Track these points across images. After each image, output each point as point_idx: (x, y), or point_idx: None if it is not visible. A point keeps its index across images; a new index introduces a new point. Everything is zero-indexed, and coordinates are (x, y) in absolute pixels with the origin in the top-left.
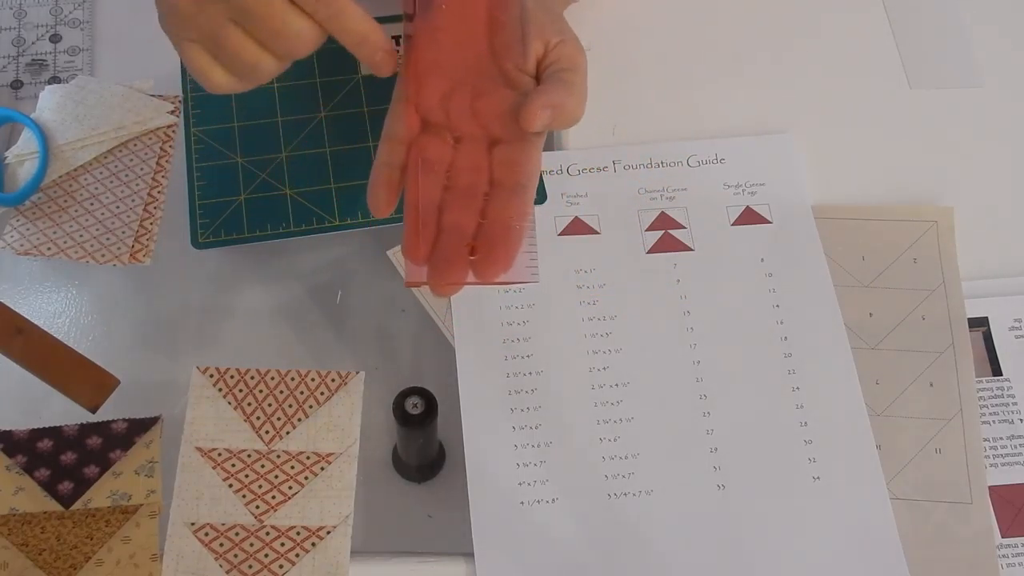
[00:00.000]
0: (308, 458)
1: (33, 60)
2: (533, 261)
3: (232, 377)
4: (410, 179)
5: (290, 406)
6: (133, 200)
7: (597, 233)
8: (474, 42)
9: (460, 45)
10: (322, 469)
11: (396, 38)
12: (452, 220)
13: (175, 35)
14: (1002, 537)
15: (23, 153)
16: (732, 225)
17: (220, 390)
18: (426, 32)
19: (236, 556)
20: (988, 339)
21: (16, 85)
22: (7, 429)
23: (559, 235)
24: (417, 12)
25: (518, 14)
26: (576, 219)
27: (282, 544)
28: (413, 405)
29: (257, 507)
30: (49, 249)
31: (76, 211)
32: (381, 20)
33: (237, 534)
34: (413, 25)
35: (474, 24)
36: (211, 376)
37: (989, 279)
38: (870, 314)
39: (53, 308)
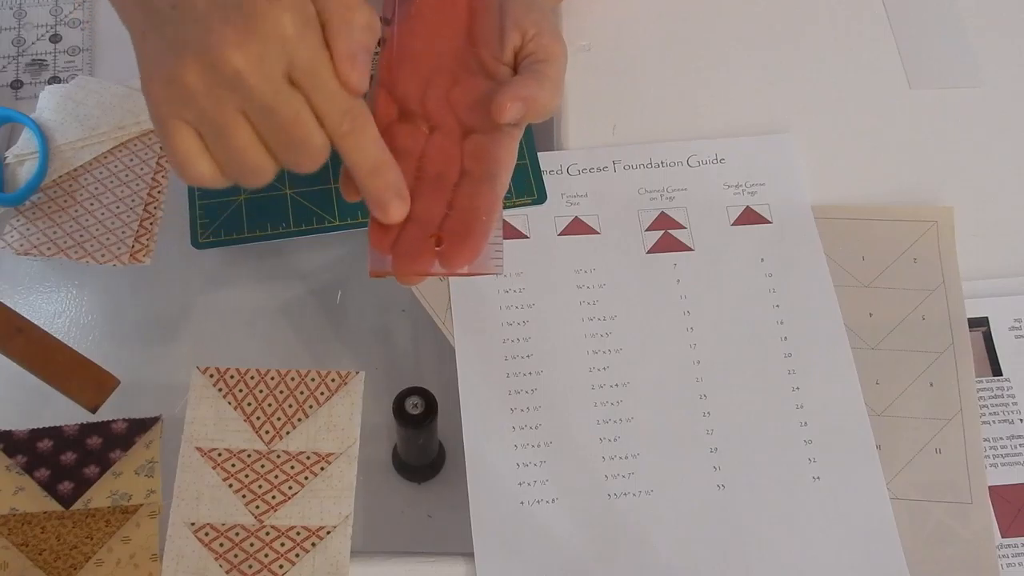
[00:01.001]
0: (308, 458)
1: (33, 60)
2: (499, 253)
3: (232, 377)
4: None
5: (290, 406)
6: (133, 200)
7: (597, 233)
8: (453, 31)
9: (438, 34)
10: (322, 469)
11: None
12: (420, 209)
13: (165, 110)
14: (1002, 537)
15: (23, 153)
16: (732, 225)
17: (220, 390)
18: (405, 21)
19: (236, 556)
20: (988, 339)
21: (16, 85)
22: (7, 429)
23: (559, 235)
24: (396, 9)
25: (496, 4)
26: (576, 219)
27: (282, 544)
28: (413, 405)
29: (257, 507)
30: (49, 249)
31: (76, 211)
32: None
33: (237, 534)
34: (394, 19)
35: (453, 13)
36: (211, 376)
37: (989, 279)
38: (870, 314)
39: (53, 308)
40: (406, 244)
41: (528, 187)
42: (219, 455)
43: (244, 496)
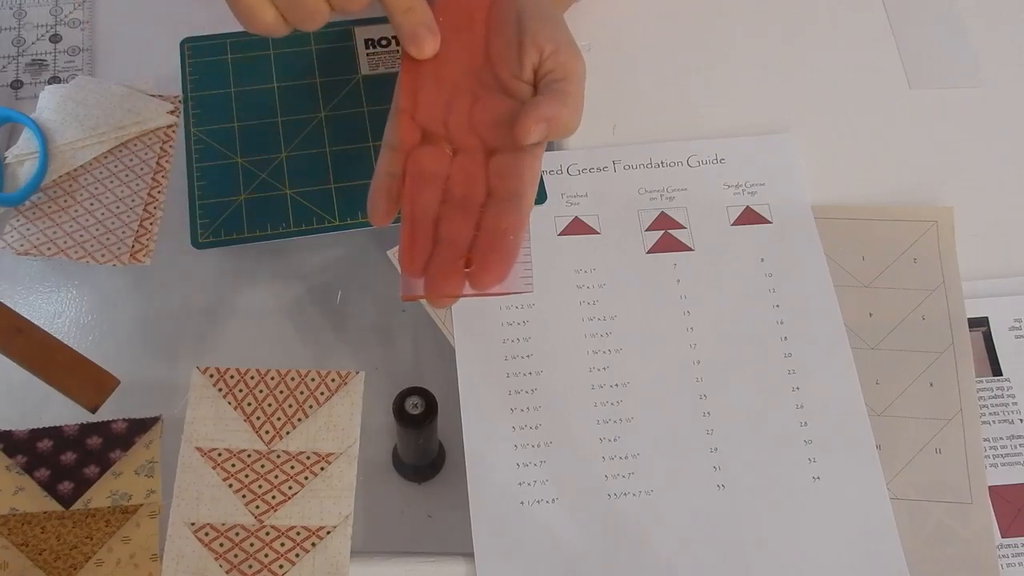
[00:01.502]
0: (308, 458)
1: (33, 60)
2: (528, 271)
3: (232, 377)
4: (406, 192)
5: (290, 406)
6: (133, 200)
7: (597, 233)
8: (471, 51)
9: (457, 55)
10: (322, 469)
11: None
12: (448, 232)
13: None
14: (1002, 537)
15: (23, 153)
16: (732, 225)
17: (220, 390)
18: None
19: (236, 556)
20: (988, 339)
21: (16, 85)
22: (7, 429)
23: (559, 235)
24: None
25: (513, 21)
26: (576, 219)
27: (282, 544)
28: (413, 405)
29: (257, 507)
30: (49, 249)
31: (76, 211)
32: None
33: (237, 534)
34: None
35: (471, 34)
36: (211, 376)
37: (989, 279)
38: (870, 314)
39: (53, 308)
40: (436, 267)
41: None
42: (219, 455)
43: (244, 496)
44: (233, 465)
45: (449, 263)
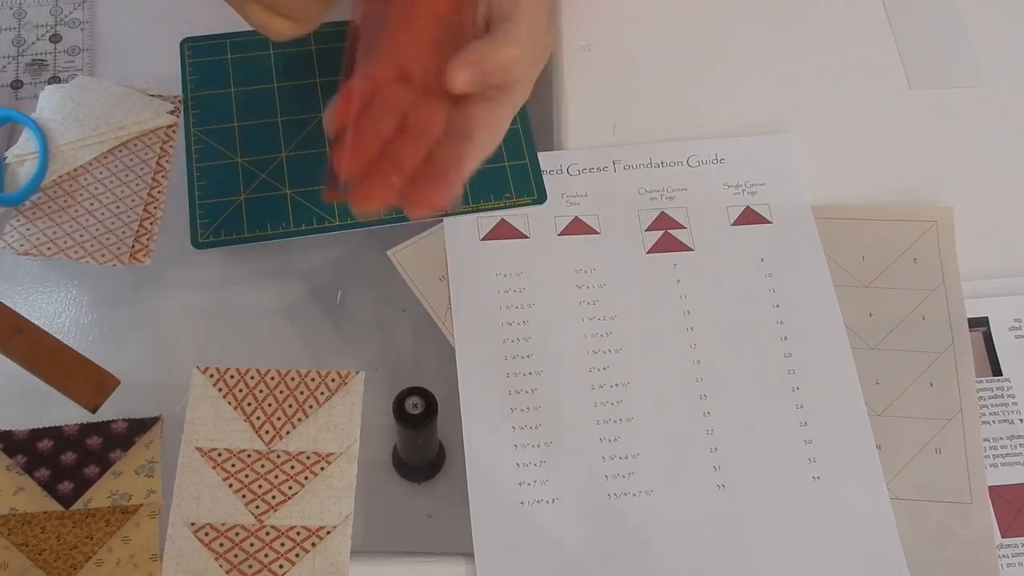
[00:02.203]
0: (308, 458)
1: (33, 60)
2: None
3: (232, 377)
4: (364, 107)
5: (290, 406)
6: (133, 200)
7: (597, 233)
8: (446, 3)
9: (432, 5)
10: (322, 469)
11: None
12: (395, 152)
13: None
14: (1002, 537)
15: (23, 153)
16: (732, 225)
17: (220, 390)
18: None
19: (236, 556)
20: (988, 339)
21: (16, 85)
22: (7, 429)
23: (559, 235)
24: None
25: None
26: (576, 219)
27: (282, 544)
28: (413, 405)
29: (257, 507)
30: (49, 249)
31: (76, 211)
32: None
33: (237, 534)
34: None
35: None
36: (211, 376)
37: (989, 279)
38: (870, 314)
39: (53, 308)
40: (372, 173)
41: (528, 187)
42: (219, 455)
43: (244, 496)
44: (233, 465)
45: (385, 174)
